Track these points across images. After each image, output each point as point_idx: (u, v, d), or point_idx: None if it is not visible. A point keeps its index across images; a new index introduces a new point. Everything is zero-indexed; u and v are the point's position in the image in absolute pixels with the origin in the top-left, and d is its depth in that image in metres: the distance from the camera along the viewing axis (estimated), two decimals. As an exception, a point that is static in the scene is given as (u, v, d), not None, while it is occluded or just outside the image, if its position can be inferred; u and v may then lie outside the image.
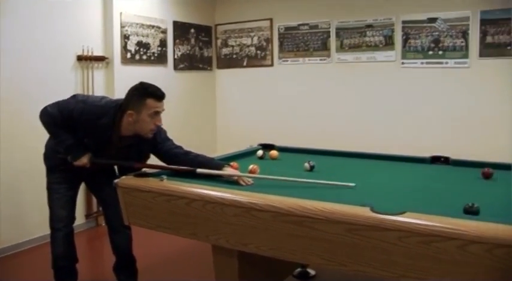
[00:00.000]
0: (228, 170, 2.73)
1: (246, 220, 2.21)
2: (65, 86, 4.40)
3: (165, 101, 2.82)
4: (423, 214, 1.87)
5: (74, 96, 2.95)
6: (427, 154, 3.38)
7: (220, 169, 2.72)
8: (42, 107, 2.90)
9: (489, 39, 4.63)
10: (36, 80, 4.26)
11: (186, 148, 2.96)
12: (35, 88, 4.22)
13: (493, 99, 4.70)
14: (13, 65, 4.10)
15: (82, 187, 3.27)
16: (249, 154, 3.65)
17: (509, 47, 4.53)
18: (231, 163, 2.95)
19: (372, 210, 1.94)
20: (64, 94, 2.93)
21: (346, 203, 2.06)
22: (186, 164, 2.80)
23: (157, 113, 2.76)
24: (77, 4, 4.62)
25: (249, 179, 2.64)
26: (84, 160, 2.87)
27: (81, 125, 2.79)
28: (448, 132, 4.90)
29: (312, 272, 3.50)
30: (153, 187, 2.56)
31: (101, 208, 3.36)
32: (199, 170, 2.71)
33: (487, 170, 2.81)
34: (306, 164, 3.05)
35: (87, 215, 4.79)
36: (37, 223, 4.17)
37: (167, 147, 2.92)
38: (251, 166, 2.87)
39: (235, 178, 2.64)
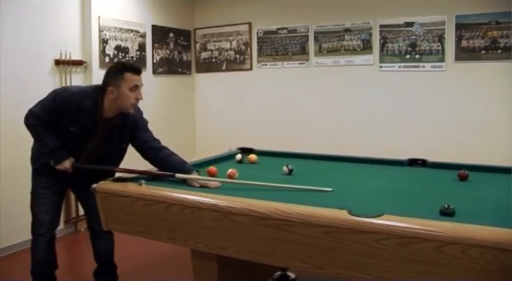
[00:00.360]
0: (196, 176, 2.75)
1: (224, 224, 2.21)
2: (42, 90, 4.13)
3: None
4: (400, 216, 1.89)
5: (54, 90, 3.00)
6: (404, 156, 3.41)
7: (189, 173, 2.75)
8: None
9: (464, 43, 4.70)
10: (12, 84, 4.18)
11: (165, 150, 2.97)
12: (12, 92, 4.15)
13: (469, 102, 4.77)
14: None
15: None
16: (227, 157, 3.65)
17: (483, 51, 4.61)
18: (210, 167, 2.95)
19: (350, 213, 1.95)
20: (41, 98, 2.92)
21: (324, 206, 2.07)
22: (157, 159, 2.91)
23: (137, 87, 2.82)
24: (54, 8, 4.56)
25: (217, 183, 2.67)
26: (66, 165, 2.88)
27: (65, 113, 2.81)
28: (426, 135, 4.96)
29: (291, 275, 3.48)
30: (132, 191, 2.54)
31: (83, 213, 3.33)
32: (178, 175, 2.72)
33: (463, 172, 2.85)
34: (285, 168, 3.06)
35: (66, 221, 4.73)
36: (20, 228, 4.06)
37: (145, 137, 2.99)
38: (229, 170, 2.86)
39: (197, 184, 2.64)
